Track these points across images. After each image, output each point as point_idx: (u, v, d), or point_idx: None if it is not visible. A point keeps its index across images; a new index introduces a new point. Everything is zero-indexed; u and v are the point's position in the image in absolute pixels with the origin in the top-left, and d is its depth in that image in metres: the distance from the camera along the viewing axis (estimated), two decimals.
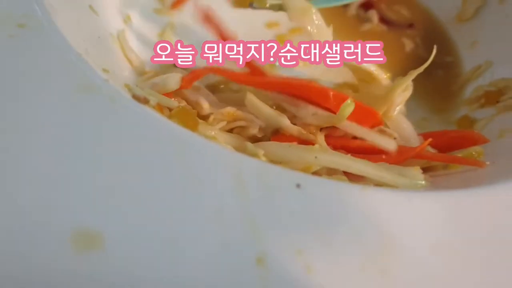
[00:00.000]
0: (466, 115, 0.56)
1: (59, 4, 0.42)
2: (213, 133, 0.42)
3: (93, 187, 0.29)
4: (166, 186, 0.30)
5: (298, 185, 0.31)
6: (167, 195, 0.30)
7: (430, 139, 0.43)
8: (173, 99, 0.44)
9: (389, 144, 0.42)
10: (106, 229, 0.27)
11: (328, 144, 0.42)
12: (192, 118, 0.41)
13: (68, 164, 0.29)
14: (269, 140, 0.45)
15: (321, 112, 0.42)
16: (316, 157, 0.38)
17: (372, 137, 0.42)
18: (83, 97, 0.33)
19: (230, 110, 0.44)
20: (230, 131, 0.45)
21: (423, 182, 0.38)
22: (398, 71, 0.61)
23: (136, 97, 0.35)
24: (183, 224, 0.29)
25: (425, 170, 0.47)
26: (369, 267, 0.27)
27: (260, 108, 0.43)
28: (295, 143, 0.41)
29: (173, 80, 0.42)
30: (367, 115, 0.43)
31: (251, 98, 0.43)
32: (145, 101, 0.35)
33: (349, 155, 0.40)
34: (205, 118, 0.47)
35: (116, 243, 0.27)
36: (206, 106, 0.43)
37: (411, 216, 0.30)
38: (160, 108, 0.44)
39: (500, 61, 0.59)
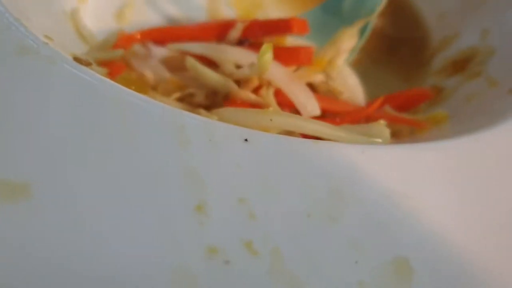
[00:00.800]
0: (434, 85, 0.55)
1: None
2: (162, 100, 0.40)
3: (25, 146, 0.27)
4: (104, 145, 0.28)
5: (246, 140, 0.29)
6: (106, 153, 0.28)
7: (381, 98, 0.42)
8: None
9: (310, 105, 0.40)
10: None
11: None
12: (140, 84, 0.39)
13: None
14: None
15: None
16: (271, 120, 0.36)
17: (293, 93, 0.39)
18: (19, 59, 0.31)
19: (173, 78, 0.42)
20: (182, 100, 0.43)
21: (380, 140, 0.36)
22: (366, 49, 0.60)
23: (77, 59, 0.33)
24: (120, 181, 0.27)
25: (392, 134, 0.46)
26: (317, 214, 0.25)
27: (203, 72, 0.41)
28: (249, 108, 0.39)
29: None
30: (291, 55, 0.42)
31: (192, 62, 0.41)
32: (87, 64, 0.33)
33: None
34: (155, 89, 0.45)
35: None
36: (150, 76, 0.42)
37: (363, 168, 0.29)
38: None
39: (467, 31, 0.58)
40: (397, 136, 0.46)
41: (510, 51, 0.51)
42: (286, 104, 0.42)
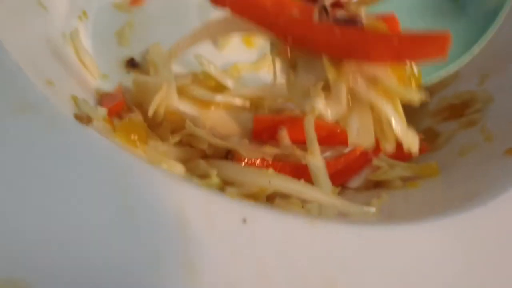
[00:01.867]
0: (430, 127, 0.55)
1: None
2: (163, 149, 0.40)
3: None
4: (100, 220, 0.28)
5: (244, 220, 0.29)
6: (100, 228, 0.28)
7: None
8: None
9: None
10: None
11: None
12: (140, 131, 0.39)
13: None
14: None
15: None
16: (269, 182, 0.37)
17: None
18: (20, 117, 0.31)
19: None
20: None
21: (374, 209, 0.37)
22: None
23: (78, 117, 0.32)
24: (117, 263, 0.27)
25: (381, 184, 0.47)
26: None
27: (201, 137, 0.41)
28: (249, 167, 0.39)
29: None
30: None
31: (191, 126, 0.41)
32: (88, 121, 0.33)
33: (302, 180, 0.39)
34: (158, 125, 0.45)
35: None
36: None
37: (360, 254, 0.30)
38: (110, 120, 0.42)
39: (466, 73, 0.58)
40: (389, 187, 0.47)
41: (507, 103, 0.51)
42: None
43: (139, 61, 0.54)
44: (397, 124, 0.33)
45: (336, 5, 0.64)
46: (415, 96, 0.33)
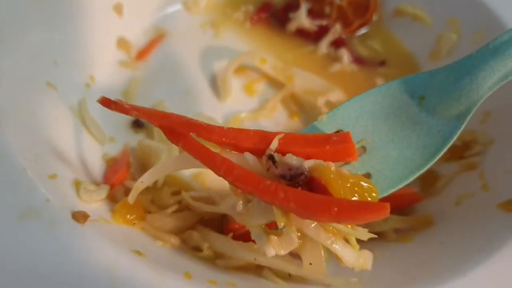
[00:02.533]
0: (431, 168, 0.55)
1: (10, 103, 0.43)
2: (159, 223, 0.43)
3: None
4: None
5: None
6: None
7: None
8: None
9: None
10: None
11: None
12: (137, 209, 0.43)
13: None
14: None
15: None
16: (255, 259, 0.39)
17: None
18: (24, 223, 0.35)
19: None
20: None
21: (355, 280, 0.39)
22: None
23: (75, 217, 0.36)
24: None
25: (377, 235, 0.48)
26: None
27: (199, 208, 0.44)
28: (237, 242, 0.42)
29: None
30: None
31: (187, 198, 0.44)
32: (84, 218, 0.36)
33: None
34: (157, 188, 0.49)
35: None
36: None
37: None
38: (112, 196, 0.45)
39: None
40: (383, 238, 0.48)
41: (506, 148, 0.51)
42: None
43: (144, 121, 0.57)
44: (348, 257, 0.35)
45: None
46: (363, 236, 0.34)
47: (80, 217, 0.37)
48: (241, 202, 0.33)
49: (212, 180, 0.53)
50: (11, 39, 0.48)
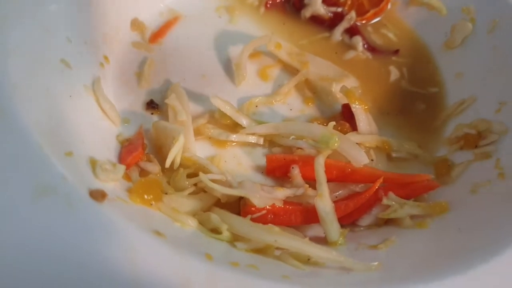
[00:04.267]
0: (445, 157, 0.55)
1: (24, 79, 0.42)
2: (176, 204, 0.43)
3: None
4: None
5: None
6: None
7: (379, 180, 0.47)
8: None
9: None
10: None
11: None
12: (154, 190, 0.42)
13: None
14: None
15: None
16: (275, 240, 0.39)
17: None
18: (40, 202, 0.34)
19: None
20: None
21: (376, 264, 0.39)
22: (380, 101, 0.61)
23: (93, 195, 0.36)
24: None
25: (391, 222, 0.48)
26: None
27: (217, 191, 0.44)
28: (257, 223, 0.42)
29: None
30: None
31: (204, 179, 0.44)
32: (102, 196, 0.36)
33: (307, 238, 0.41)
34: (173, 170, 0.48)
35: None
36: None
37: None
38: (127, 177, 0.45)
39: (484, 97, 0.58)
40: (399, 225, 0.48)
41: None
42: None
43: (159, 102, 0.57)
44: None
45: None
46: None
47: (98, 195, 0.36)
48: None
49: (228, 163, 0.53)
50: (24, 13, 0.47)
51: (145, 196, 0.41)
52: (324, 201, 0.46)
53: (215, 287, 0.32)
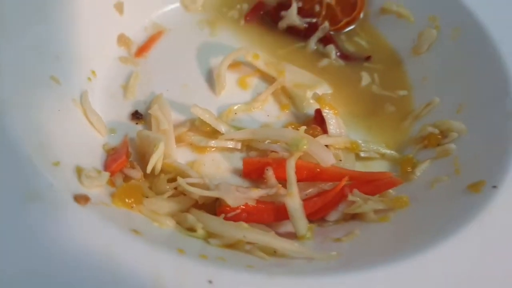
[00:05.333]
0: (410, 156, 0.59)
1: (14, 95, 0.47)
2: (156, 206, 0.47)
3: None
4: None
5: (210, 281, 0.36)
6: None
7: (345, 178, 0.51)
8: None
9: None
10: None
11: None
12: (135, 194, 0.47)
13: None
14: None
15: None
16: (244, 236, 0.44)
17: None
18: (29, 206, 0.39)
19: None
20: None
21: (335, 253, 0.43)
22: (352, 105, 0.65)
23: (77, 199, 0.40)
24: None
25: (357, 216, 0.52)
26: None
27: (194, 193, 0.48)
28: (229, 221, 0.47)
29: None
30: None
31: (182, 183, 0.48)
32: (85, 200, 0.40)
33: (273, 233, 0.45)
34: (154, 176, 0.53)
35: None
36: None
37: None
38: (112, 183, 0.49)
39: (447, 99, 0.62)
40: (363, 219, 0.52)
41: (478, 136, 0.55)
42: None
43: (143, 112, 0.61)
44: None
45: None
46: None
47: (81, 199, 0.40)
48: None
49: (207, 167, 0.57)
50: (14, 33, 0.52)
51: (126, 200, 0.46)
52: (293, 199, 0.49)
53: (183, 276, 0.36)
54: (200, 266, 0.37)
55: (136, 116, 0.60)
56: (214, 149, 0.59)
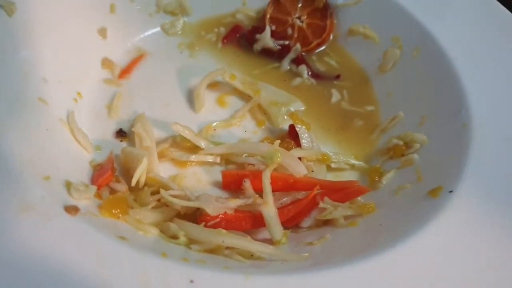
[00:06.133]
0: (377, 166, 0.64)
1: (5, 116, 0.50)
2: (140, 216, 0.50)
3: None
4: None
5: (191, 281, 0.40)
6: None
7: (317, 187, 0.55)
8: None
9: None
10: None
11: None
12: (121, 205, 0.50)
13: None
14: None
15: None
16: (223, 241, 0.47)
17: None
18: (22, 216, 0.42)
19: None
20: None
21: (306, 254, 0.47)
22: (323, 120, 0.70)
23: (67, 209, 0.43)
24: None
25: (328, 222, 0.56)
26: None
27: (176, 204, 0.52)
28: (209, 228, 0.50)
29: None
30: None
31: (164, 194, 0.52)
32: (75, 211, 0.44)
33: (249, 237, 0.49)
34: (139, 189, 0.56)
35: None
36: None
37: None
38: (99, 196, 0.53)
39: (410, 113, 0.67)
40: (334, 225, 0.56)
41: (438, 146, 0.59)
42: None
43: (127, 130, 0.65)
44: None
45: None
46: None
47: (71, 210, 0.44)
48: None
49: (189, 180, 0.61)
50: (3, 58, 0.55)
51: (113, 211, 0.49)
52: (269, 208, 0.53)
53: (167, 277, 0.39)
54: (182, 267, 0.41)
55: (120, 134, 0.64)
56: (194, 163, 0.63)
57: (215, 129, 0.67)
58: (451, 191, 0.51)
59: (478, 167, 0.52)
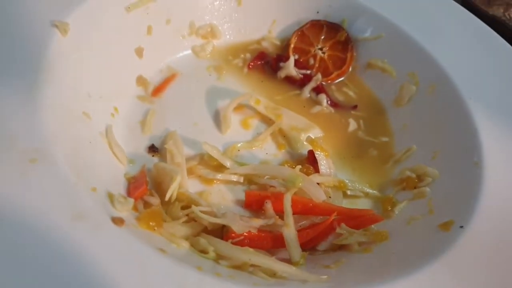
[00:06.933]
0: (391, 196, 0.68)
1: (57, 129, 0.54)
2: (173, 230, 0.54)
3: None
4: None
5: None
6: None
7: (334, 213, 0.59)
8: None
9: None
10: None
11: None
12: (157, 218, 0.54)
13: None
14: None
15: None
16: (250, 259, 0.51)
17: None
18: (77, 224, 0.46)
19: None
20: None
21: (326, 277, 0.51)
22: (340, 148, 0.74)
23: (114, 220, 0.48)
24: None
25: (343, 247, 0.60)
26: None
27: (205, 219, 0.56)
28: (236, 246, 0.55)
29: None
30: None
31: (195, 209, 0.56)
32: (121, 222, 0.48)
33: (274, 258, 0.53)
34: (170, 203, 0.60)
35: None
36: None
37: None
38: (135, 207, 0.57)
39: (423, 146, 0.72)
40: (349, 250, 0.60)
41: (449, 182, 0.64)
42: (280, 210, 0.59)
43: (159, 146, 0.69)
44: None
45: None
46: None
47: (118, 221, 0.48)
48: None
49: (213, 197, 0.65)
50: (53, 73, 0.60)
51: (150, 223, 0.53)
52: (289, 230, 0.57)
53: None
54: (217, 282, 0.45)
55: (153, 149, 0.68)
56: (219, 181, 0.67)
57: (239, 150, 0.72)
58: (461, 226, 0.55)
59: (489, 205, 0.56)
